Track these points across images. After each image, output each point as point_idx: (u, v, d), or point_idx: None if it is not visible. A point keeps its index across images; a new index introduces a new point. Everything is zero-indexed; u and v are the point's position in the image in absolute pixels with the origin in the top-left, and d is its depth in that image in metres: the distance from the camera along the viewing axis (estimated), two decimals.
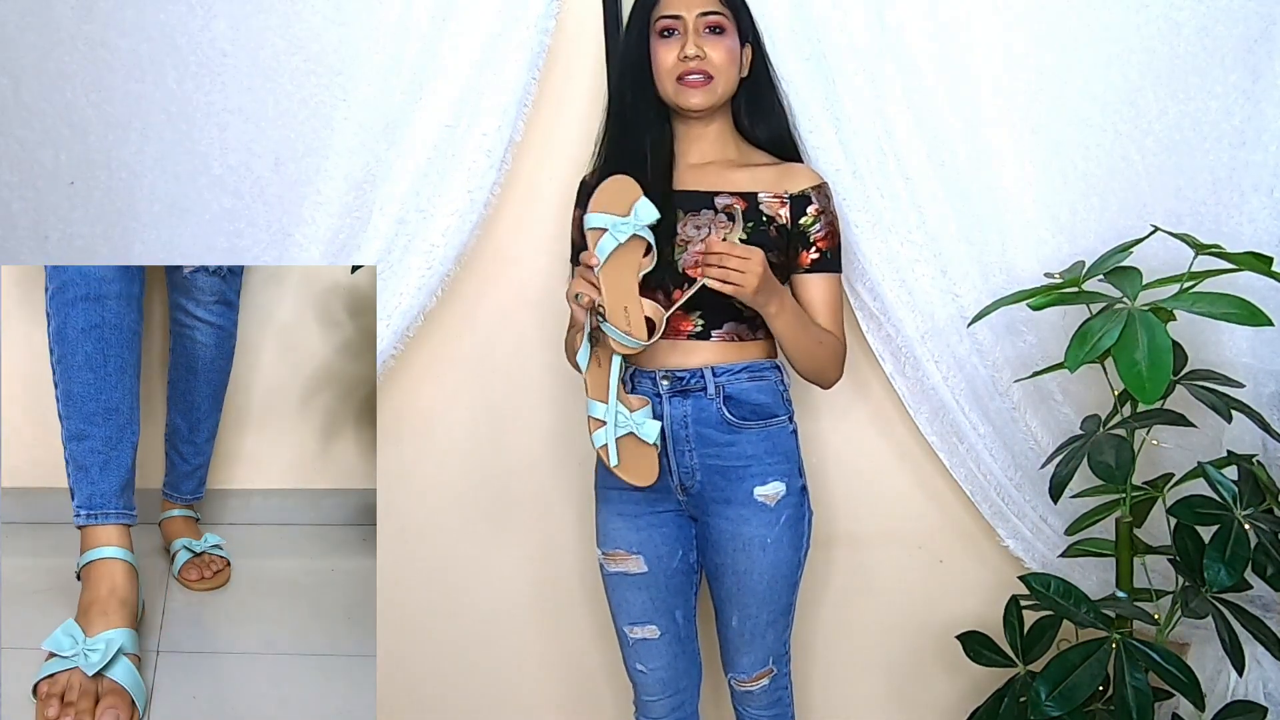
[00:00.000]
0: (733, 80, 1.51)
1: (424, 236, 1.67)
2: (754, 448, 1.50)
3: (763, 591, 1.52)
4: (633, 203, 1.39)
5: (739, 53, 1.51)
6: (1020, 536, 1.75)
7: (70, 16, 1.61)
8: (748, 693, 1.60)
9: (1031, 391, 1.67)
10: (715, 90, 1.49)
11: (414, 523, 1.96)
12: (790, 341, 1.48)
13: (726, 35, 1.49)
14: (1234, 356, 1.58)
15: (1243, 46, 1.53)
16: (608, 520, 1.58)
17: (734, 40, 1.50)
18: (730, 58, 1.49)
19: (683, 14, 1.47)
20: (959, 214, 1.64)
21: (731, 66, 1.50)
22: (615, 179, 1.41)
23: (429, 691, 2.02)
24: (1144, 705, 1.37)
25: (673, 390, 1.49)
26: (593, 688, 2.00)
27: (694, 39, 1.47)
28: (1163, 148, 1.57)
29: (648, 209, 1.39)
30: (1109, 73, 1.57)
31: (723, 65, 1.48)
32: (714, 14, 1.48)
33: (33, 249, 1.65)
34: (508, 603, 1.99)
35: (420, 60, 1.62)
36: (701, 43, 1.47)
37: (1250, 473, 1.45)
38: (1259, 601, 1.56)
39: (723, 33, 1.48)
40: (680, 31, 1.48)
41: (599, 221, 1.39)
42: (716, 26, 1.48)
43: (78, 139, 1.64)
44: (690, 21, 1.47)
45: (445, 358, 1.89)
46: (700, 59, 1.47)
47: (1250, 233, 1.54)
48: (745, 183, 1.52)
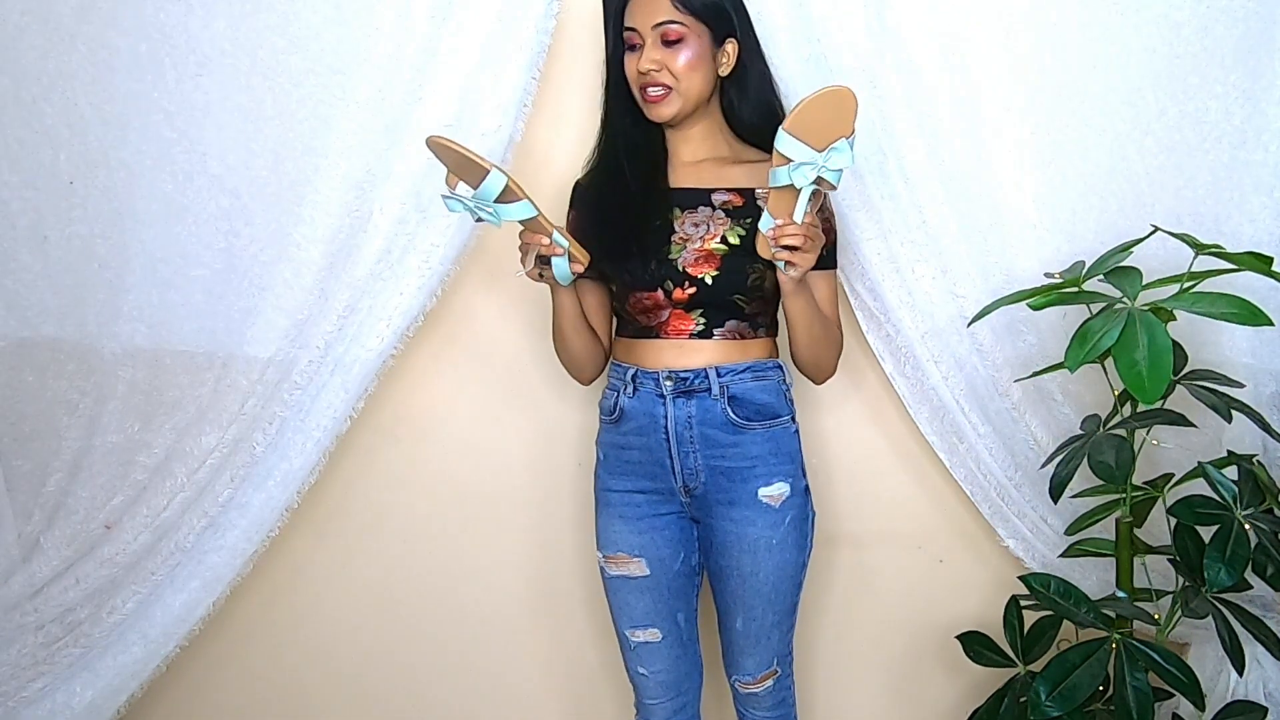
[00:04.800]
0: (699, 86, 1.49)
1: (424, 236, 1.67)
2: (758, 448, 1.49)
3: (768, 593, 1.52)
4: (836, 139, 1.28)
5: (707, 56, 1.48)
6: (1020, 536, 1.75)
7: (70, 16, 1.60)
8: (752, 695, 1.60)
9: (1031, 391, 1.67)
10: (676, 101, 1.48)
11: (414, 523, 1.95)
12: (804, 325, 1.47)
13: (685, 44, 1.46)
14: (1234, 356, 1.58)
15: (1243, 46, 1.53)
16: (609, 523, 1.58)
17: (697, 47, 1.47)
18: (691, 66, 1.47)
19: (638, 26, 1.47)
20: (959, 214, 1.64)
21: (693, 74, 1.47)
22: (836, 92, 1.28)
23: (429, 692, 2.02)
24: (1144, 705, 1.38)
25: (676, 391, 1.49)
26: (593, 688, 2.00)
27: (649, 52, 1.46)
28: (1163, 148, 1.57)
29: (844, 155, 1.29)
30: (1109, 73, 1.57)
31: (684, 73, 1.46)
32: (669, 24, 1.45)
33: (32, 249, 1.65)
34: (507, 603, 1.98)
35: (420, 60, 1.62)
36: (657, 55, 1.46)
37: (1250, 473, 1.45)
38: (1259, 601, 1.56)
39: (680, 42, 1.46)
40: (639, 44, 1.47)
41: (791, 150, 1.29)
42: (675, 36, 1.46)
43: (77, 138, 1.63)
44: (645, 33, 1.46)
45: (445, 358, 1.89)
46: (656, 71, 1.46)
47: (1250, 233, 1.55)
48: (741, 179, 1.52)
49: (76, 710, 1.66)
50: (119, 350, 1.68)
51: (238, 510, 1.71)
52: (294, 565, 1.95)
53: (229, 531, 1.71)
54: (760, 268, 1.48)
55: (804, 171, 1.31)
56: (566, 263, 1.42)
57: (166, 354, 1.70)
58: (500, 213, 1.36)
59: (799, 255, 1.36)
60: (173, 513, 1.71)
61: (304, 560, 1.95)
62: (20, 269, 1.65)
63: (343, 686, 2.01)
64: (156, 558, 1.71)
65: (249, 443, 1.70)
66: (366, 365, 1.69)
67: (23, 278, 1.65)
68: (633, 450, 1.53)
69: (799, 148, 1.30)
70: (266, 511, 1.71)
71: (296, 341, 1.69)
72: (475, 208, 1.36)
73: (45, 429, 1.68)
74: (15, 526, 1.68)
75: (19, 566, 1.68)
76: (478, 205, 1.35)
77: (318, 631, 1.99)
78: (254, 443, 1.70)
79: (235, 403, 1.70)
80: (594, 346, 1.60)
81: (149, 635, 1.70)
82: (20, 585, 1.68)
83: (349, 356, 1.69)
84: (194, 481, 1.71)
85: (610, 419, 1.56)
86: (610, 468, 1.57)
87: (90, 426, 1.68)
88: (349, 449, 1.84)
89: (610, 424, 1.56)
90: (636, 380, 1.51)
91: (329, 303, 1.68)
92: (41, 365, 1.67)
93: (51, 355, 1.67)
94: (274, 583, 1.94)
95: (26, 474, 1.69)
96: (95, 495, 1.70)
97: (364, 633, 1.99)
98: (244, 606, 1.92)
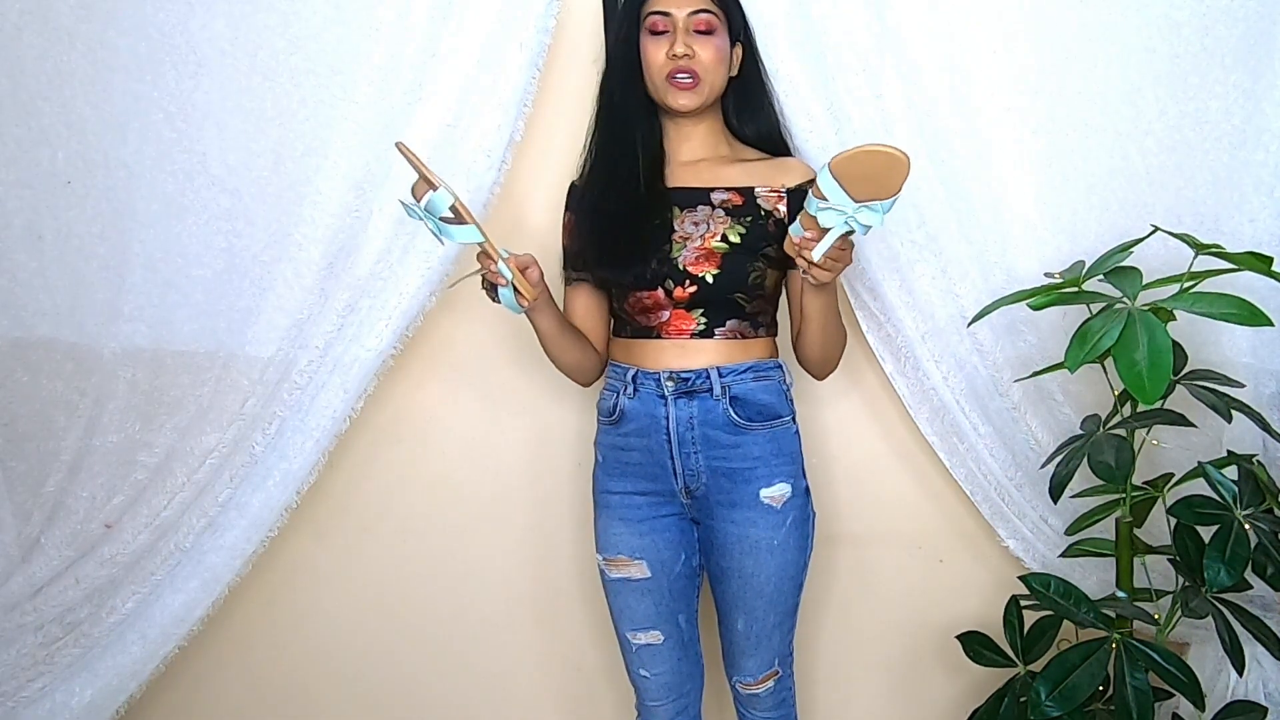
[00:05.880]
0: (720, 80, 1.51)
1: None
2: (760, 449, 1.49)
3: (769, 594, 1.52)
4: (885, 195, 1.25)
5: (728, 53, 1.51)
6: (1020, 536, 1.75)
7: (70, 16, 1.60)
8: (753, 695, 1.60)
9: (1031, 391, 1.67)
10: (703, 91, 1.49)
11: (413, 523, 1.95)
12: (820, 323, 1.48)
13: (716, 35, 1.48)
14: (1234, 356, 1.58)
15: (1243, 46, 1.53)
16: (608, 526, 1.57)
17: (723, 40, 1.49)
18: (718, 58, 1.49)
19: (673, 12, 1.47)
20: (959, 214, 1.63)
21: (719, 67, 1.49)
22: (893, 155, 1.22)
23: (428, 691, 2.02)
24: (1144, 705, 1.38)
25: (678, 392, 1.48)
26: (593, 688, 2.00)
27: (683, 37, 1.47)
28: (1163, 148, 1.57)
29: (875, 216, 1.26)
30: (1109, 73, 1.57)
31: (711, 65, 1.48)
32: (704, 13, 1.47)
33: (28, 249, 1.65)
34: (508, 603, 1.98)
35: (420, 60, 1.62)
36: (691, 42, 1.47)
37: (1250, 473, 1.45)
38: (1259, 601, 1.56)
39: (712, 33, 1.48)
40: (670, 30, 1.48)
41: (828, 190, 1.26)
42: (707, 27, 1.48)
43: (75, 138, 1.63)
44: (680, 20, 1.47)
45: (445, 358, 1.89)
46: (689, 58, 1.46)
47: (1250, 233, 1.55)
48: (740, 178, 1.52)
49: (76, 710, 1.66)
50: (119, 350, 1.68)
51: (237, 510, 1.71)
52: (294, 565, 1.95)
53: (228, 531, 1.71)
54: (761, 266, 1.48)
55: (831, 216, 1.28)
56: (513, 294, 1.40)
57: (167, 354, 1.69)
58: (444, 231, 1.34)
59: (819, 272, 1.36)
60: (172, 513, 1.71)
61: (304, 560, 1.95)
62: (17, 268, 1.65)
63: (342, 686, 2.01)
64: (156, 558, 1.71)
65: (249, 443, 1.70)
66: (366, 365, 1.69)
67: (19, 277, 1.65)
68: (633, 452, 1.53)
69: (836, 191, 1.26)
70: (266, 511, 1.71)
71: (296, 341, 1.69)
72: (424, 219, 1.35)
73: (44, 429, 1.68)
74: (15, 526, 1.68)
75: (19, 566, 1.68)
76: (425, 218, 1.34)
77: (317, 631, 1.99)
78: (253, 443, 1.70)
79: (235, 403, 1.70)
80: (587, 354, 1.59)
81: (148, 635, 1.70)
82: (20, 585, 1.68)
83: (349, 356, 1.69)
84: (194, 481, 1.71)
85: (609, 420, 1.55)
86: (609, 469, 1.57)
87: (90, 426, 1.68)
88: (349, 449, 1.84)
89: (609, 425, 1.56)
90: (637, 381, 1.51)
91: (329, 303, 1.68)
92: (39, 365, 1.67)
93: (50, 355, 1.67)
94: (274, 583, 1.94)
95: (26, 474, 1.69)
96: (95, 495, 1.70)
97: (363, 633, 1.99)
98: (244, 606, 1.92)
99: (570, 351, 1.56)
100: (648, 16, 1.49)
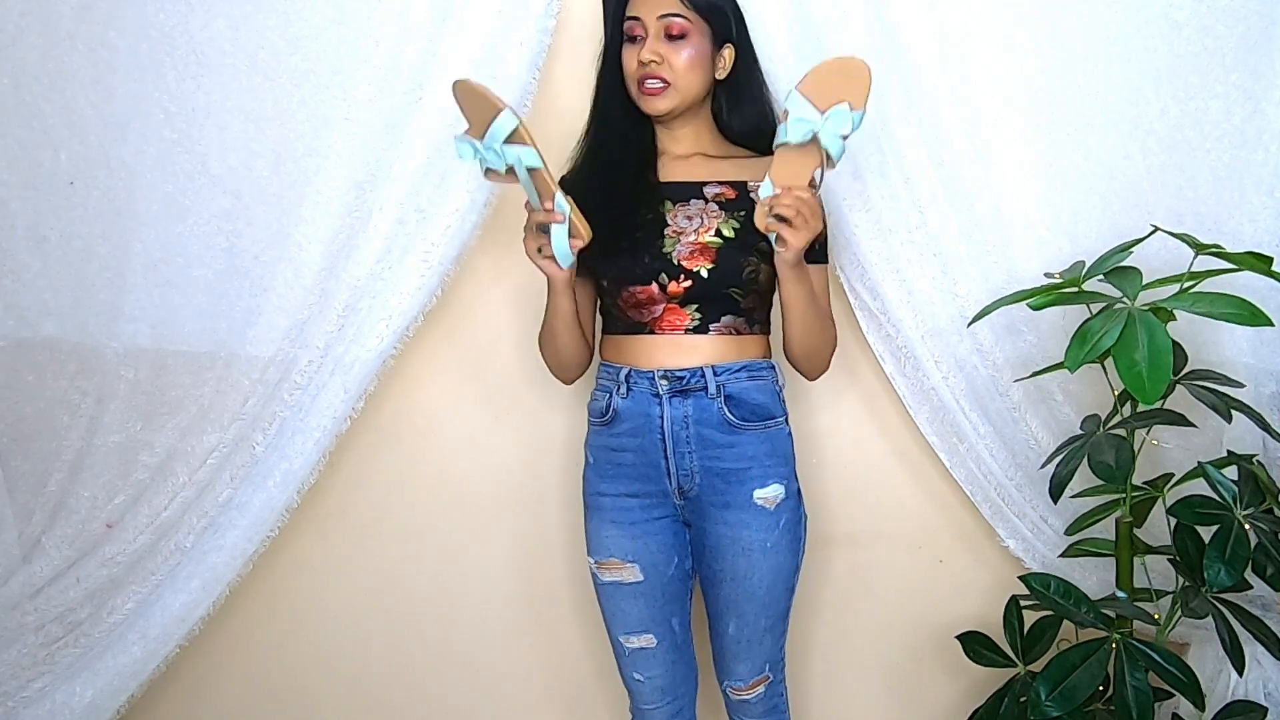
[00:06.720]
0: (697, 85, 1.48)
1: (424, 236, 1.66)
2: (754, 449, 1.48)
3: (761, 597, 1.51)
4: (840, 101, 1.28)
5: (707, 56, 1.48)
6: (1020, 536, 1.75)
7: (70, 16, 1.60)
8: (744, 701, 1.58)
9: (1031, 391, 1.67)
10: (673, 96, 1.47)
11: (413, 523, 1.95)
12: (799, 313, 1.45)
13: (688, 41, 1.46)
14: (1234, 356, 1.58)
15: (1243, 46, 1.53)
16: (600, 529, 1.56)
17: (700, 44, 1.47)
18: (691, 63, 1.46)
19: (643, 17, 1.46)
20: (959, 214, 1.63)
21: (692, 72, 1.47)
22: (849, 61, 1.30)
23: (428, 691, 2.02)
24: (1144, 705, 1.38)
25: (672, 390, 1.48)
26: (590, 688, 2.00)
27: (652, 43, 1.45)
28: (1163, 147, 1.57)
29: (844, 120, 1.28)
30: (1109, 73, 1.57)
31: (683, 70, 1.46)
32: (674, 16, 1.45)
33: (31, 249, 1.65)
34: (507, 603, 1.98)
35: (420, 60, 1.62)
36: (660, 48, 1.45)
37: (1250, 473, 1.45)
38: (1259, 601, 1.56)
39: (685, 37, 1.46)
40: (641, 35, 1.47)
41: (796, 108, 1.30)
42: (679, 31, 1.45)
43: (77, 138, 1.64)
44: (650, 24, 1.46)
45: (445, 358, 1.89)
46: (657, 64, 1.45)
47: (1250, 232, 1.55)
48: (733, 172, 1.51)
49: (76, 710, 1.66)
50: (121, 350, 1.68)
51: (238, 510, 1.71)
52: (294, 565, 1.95)
53: (229, 531, 1.71)
54: (755, 261, 1.48)
55: (800, 126, 1.30)
56: (566, 236, 1.38)
57: (168, 354, 1.70)
58: (506, 155, 1.34)
59: (791, 231, 1.34)
60: (173, 512, 1.71)
61: (304, 560, 1.95)
62: (20, 269, 1.65)
63: (342, 686, 2.02)
64: (157, 558, 1.71)
65: (249, 442, 1.70)
66: (366, 365, 1.69)
67: (22, 277, 1.65)
68: (626, 453, 1.52)
69: (803, 106, 1.30)
70: (266, 511, 1.71)
71: (297, 341, 1.69)
72: (483, 148, 1.34)
73: (46, 429, 1.68)
74: (16, 526, 1.69)
75: (19, 566, 1.68)
76: (486, 145, 1.33)
77: (318, 631, 1.99)
78: (254, 442, 1.70)
79: (236, 402, 1.70)
80: (583, 347, 1.58)
81: (149, 635, 1.70)
82: (21, 585, 1.68)
83: (349, 356, 1.69)
84: (195, 481, 1.71)
85: (601, 421, 1.54)
86: (601, 471, 1.56)
87: (91, 426, 1.69)
88: (349, 449, 1.84)
89: (601, 426, 1.54)
90: (630, 380, 1.50)
91: (329, 303, 1.68)
92: (41, 365, 1.67)
93: (52, 355, 1.68)
94: (274, 583, 1.94)
95: (27, 474, 1.69)
96: (96, 495, 1.70)
97: (363, 633, 1.99)
98: (244, 606, 1.91)
99: (577, 340, 1.55)
100: (625, 21, 1.49)
